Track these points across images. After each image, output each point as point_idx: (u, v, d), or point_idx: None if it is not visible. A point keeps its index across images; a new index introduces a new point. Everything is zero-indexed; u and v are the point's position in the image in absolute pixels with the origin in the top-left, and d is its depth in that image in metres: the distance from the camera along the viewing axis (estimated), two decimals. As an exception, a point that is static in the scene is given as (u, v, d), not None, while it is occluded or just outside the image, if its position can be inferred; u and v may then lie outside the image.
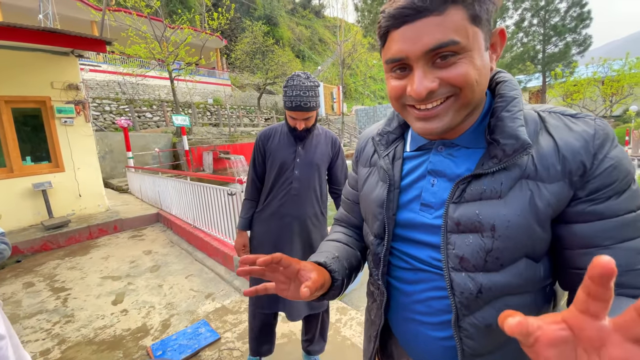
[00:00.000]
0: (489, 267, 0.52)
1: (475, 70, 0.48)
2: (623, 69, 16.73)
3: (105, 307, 2.76)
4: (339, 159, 1.73)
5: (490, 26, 0.49)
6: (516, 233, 0.50)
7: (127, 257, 3.96)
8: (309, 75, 1.50)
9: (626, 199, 0.48)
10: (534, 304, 0.55)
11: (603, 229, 0.48)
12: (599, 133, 0.49)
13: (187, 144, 10.69)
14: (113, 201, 6.64)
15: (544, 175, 0.50)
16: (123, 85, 15.70)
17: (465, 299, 0.54)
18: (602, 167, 0.48)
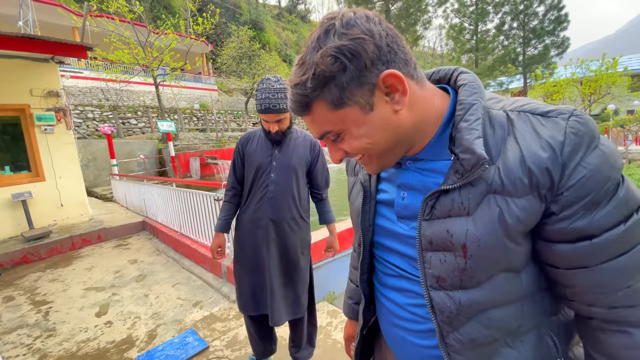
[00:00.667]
0: (465, 285, 0.51)
1: (360, 140, 0.51)
2: (600, 69, 17.34)
3: (89, 319, 2.68)
4: (318, 163, 1.71)
5: (369, 84, 0.47)
6: (488, 252, 0.48)
7: (111, 267, 3.87)
8: (280, 78, 1.52)
9: (612, 209, 0.44)
10: (520, 314, 0.52)
11: (586, 251, 0.45)
12: (569, 138, 0.44)
13: (174, 149, 10.56)
14: (97, 210, 6.48)
15: (511, 189, 0.46)
16: (106, 92, 15.40)
17: (446, 318, 0.53)
18: (574, 178, 0.43)
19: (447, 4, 23.22)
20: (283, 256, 1.66)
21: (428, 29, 23.64)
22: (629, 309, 0.46)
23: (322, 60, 0.46)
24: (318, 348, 2.06)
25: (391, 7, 21.02)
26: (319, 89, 0.47)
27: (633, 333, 0.46)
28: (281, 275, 1.66)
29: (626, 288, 0.45)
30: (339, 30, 0.46)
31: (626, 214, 0.44)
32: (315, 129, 0.53)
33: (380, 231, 0.65)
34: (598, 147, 0.44)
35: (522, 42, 23.83)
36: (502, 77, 24.64)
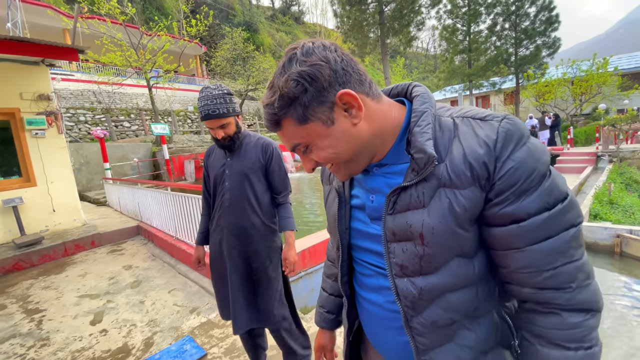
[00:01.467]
0: (424, 270, 0.58)
1: (325, 150, 0.58)
2: (591, 69, 17.56)
3: (83, 327, 2.63)
4: (272, 165, 1.65)
5: (328, 102, 0.54)
6: (441, 239, 0.55)
7: (105, 274, 3.81)
8: (219, 85, 1.53)
9: (537, 197, 0.51)
10: (475, 297, 0.59)
11: (516, 233, 0.53)
12: (501, 136, 0.52)
13: (168, 152, 10.46)
14: (90, 215, 6.39)
15: (457, 182, 0.54)
16: (98, 94, 15.21)
17: (410, 302, 0.60)
18: (504, 169, 0.51)
19: (440, 5, 23.29)
20: (246, 264, 1.63)
21: (421, 30, 23.70)
22: (555, 292, 0.53)
23: (286, 84, 0.53)
24: (318, 354, 2.04)
25: (385, 8, 21.08)
26: (285, 108, 0.55)
27: (561, 314, 0.53)
28: (243, 283, 1.62)
29: (552, 270, 0.52)
30: (299, 58, 0.54)
31: (551, 203, 0.51)
32: (287, 142, 0.60)
33: (356, 234, 0.71)
34: (526, 144, 0.52)
35: (514, 43, 24.04)
36: (495, 78, 24.84)
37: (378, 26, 21.44)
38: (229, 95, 1.52)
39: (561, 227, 0.52)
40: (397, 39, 21.97)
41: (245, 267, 1.63)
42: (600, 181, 7.86)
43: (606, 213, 5.75)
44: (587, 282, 0.53)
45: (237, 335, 2.24)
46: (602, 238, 4.65)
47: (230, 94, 1.53)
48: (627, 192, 7.60)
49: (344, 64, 0.55)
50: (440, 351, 0.60)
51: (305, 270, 3.10)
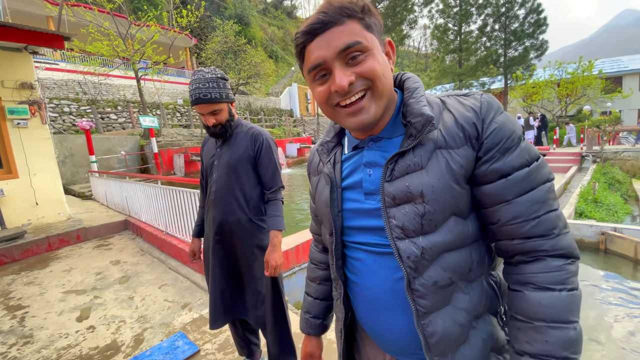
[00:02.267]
0: (425, 229, 0.60)
1: (379, 65, 0.59)
2: (576, 72, 17.97)
3: (69, 324, 2.54)
4: (262, 157, 1.54)
5: (381, 37, 0.62)
6: (441, 195, 0.59)
7: (92, 269, 3.69)
8: (214, 69, 1.45)
9: (518, 154, 0.59)
10: (469, 258, 0.63)
11: (504, 186, 0.59)
12: (484, 104, 0.61)
13: (156, 146, 10.23)
14: (75, 209, 6.20)
15: (452, 143, 0.60)
16: (84, 85, 14.71)
17: (412, 263, 0.61)
18: (490, 129, 0.59)
19: (432, 4, 23.47)
20: (230, 260, 1.56)
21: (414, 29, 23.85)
22: (541, 239, 0.58)
23: (365, 3, 0.60)
24: (314, 350, 2.02)
25: (378, 5, 21.09)
26: (360, 12, 0.59)
27: (546, 259, 0.58)
28: (225, 279, 1.56)
29: (537, 218, 0.58)
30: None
31: (529, 160, 0.59)
32: (344, 38, 0.58)
33: (350, 214, 0.71)
34: (503, 112, 0.61)
35: (503, 44, 24.41)
36: (484, 78, 25.20)
37: (371, 23, 21.43)
38: (223, 80, 1.44)
39: (540, 180, 0.59)
40: (390, 36, 22.02)
41: (229, 264, 1.57)
42: (585, 180, 8.07)
43: (591, 211, 5.90)
44: (566, 230, 0.59)
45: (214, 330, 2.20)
46: (587, 235, 4.77)
47: (224, 79, 1.45)
48: (610, 191, 7.82)
49: None
50: (439, 314, 0.62)
51: (299, 265, 3.07)
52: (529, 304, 0.58)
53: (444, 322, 0.62)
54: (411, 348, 0.68)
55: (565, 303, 0.56)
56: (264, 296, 1.55)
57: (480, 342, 0.65)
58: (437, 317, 0.62)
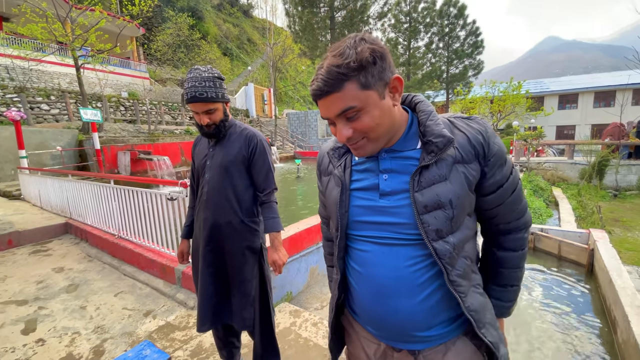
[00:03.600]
0: (453, 229, 0.74)
1: (374, 118, 0.70)
2: (507, 91, 20.26)
3: (14, 337, 2.28)
4: (255, 159, 1.54)
5: (385, 80, 0.68)
6: (463, 200, 0.74)
7: (31, 277, 3.32)
8: (210, 68, 1.45)
9: (506, 167, 0.80)
10: (475, 246, 0.84)
11: (500, 194, 0.80)
12: (487, 129, 0.78)
13: (99, 142, 9.36)
14: (2, 210, 5.47)
15: (466, 158, 0.75)
16: (11, 70, 12.88)
17: (448, 259, 0.73)
18: (493, 150, 0.76)
19: (385, 18, 24.78)
20: (219, 262, 1.56)
21: (368, 39, 24.93)
22: (516, 221, 0.85)
23: (363, 53, 0.64)
24: (290, 348, 2.08)
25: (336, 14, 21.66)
26: (355, 71, 0.65)
27: (518, 232, 0.86)
28: (212, 282, 1.55)
29: (517, 208, 0.84)
30: (369, 40, 0.67)
31: (510, 169, 0.81)
32: (340, 104, 0.68)
33: (361, 211, 0.81)
34: (496, 135, 0.79)
35: (446, 61, 26.72)
36: (429, 91, 27.24)
37: (329, 31, 21.91)
38: (220, 79, 1.45)
39: (517, 180, 0.83)
40: (346, 45, 22.68)
41: (218, 266, 1.56)
42: (515, 188, 9.14)
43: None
44: (527, 210, 0.88)
45: (200, 333, 2.15)
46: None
47: (220, 78, 1.46)
48: (535, 197, 8.97)
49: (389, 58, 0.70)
50: (470, 296, 0.77)
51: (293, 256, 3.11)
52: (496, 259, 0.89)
53: (476, 300, 0.79)
54: (411, 331, 0.78)
55: (518, 258, 0.87)
56: (254, 298, 1.56)
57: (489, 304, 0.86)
58: (470, 299, 0.77)
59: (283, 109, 32.75)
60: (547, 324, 3.34)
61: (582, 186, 11.00)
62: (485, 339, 0.76)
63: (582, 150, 12.82)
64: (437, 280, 0.76)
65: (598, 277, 4.03)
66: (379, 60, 0.66)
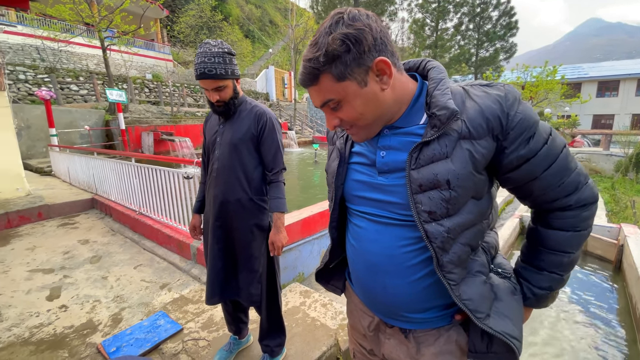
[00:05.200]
0: (450, 212, 0.68)
1: (355, 108, 0.66)
2: (541, 76, 19.08)
3: (39, 303, 2.43)
4: (264, 137, 1.51)
5: (365, 66, 0.63)
6: (464, 182, 0.66)
7: (58, 248, 3.51)
8: (221, 42, 1.41)
9: (538, 137, 0.67)
10: (480, 232, 0.74)
11: (530, 168, 0.68)
12: (508, 96, 0.65)
13: (124, 122, 9.66)
14: (34, 185, 5.77)
15: (475, 134, 0.65)
16: (42, 51, 13.41)
17: (440, 243, 0.68)
18: (514, 121, 0.65)
19: (412, -3, 23.76)
20: (228, 238, 1.57)
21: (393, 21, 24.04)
22: (566, 197, 0.71)
23: (333, 42, 0.60)
24: (298, 327, 2.10)
25: (360, -6, 20.96)
26: (327, 64, 0.61)
27: (575, 208, 0.72)
28: (223, 256, 1.58)
29: (562, 184, 0.70)
30: (346, 21, 0.60)
31: (546, 137, 0.67)
32: (320, 97, 0.67)
33: (360, 186, 0.79)
34: (523, 102, 0.67)
35: (476, 44, 25.34)
36: (456, 76, 26.09)
37: (352, 11, 21.23)
38: (230, 55, 1.41)
39: (557, 150, 0.68)
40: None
41: (227, 242, 1.58)
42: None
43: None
44: (586, 182, 0.71)
45: (209, 306, 2.21)
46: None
47: (231, 54, 1.42)
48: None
49: (382, 34, 0.63)
50: (465, 283, 0.71)
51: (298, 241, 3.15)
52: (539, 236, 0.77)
53: (475, 287, 0.72)
54: (399, 310, 0.77)
55: (568, 240, 0.73)
56: (261, 275, 1.58)
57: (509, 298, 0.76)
58: (465, 286, 0.71)
59: (303, 93, 32.46)
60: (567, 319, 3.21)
61: (617, 179, 10.34)
62: (491, 329, 0.69)
63: (619, 141, 11.97)
64: (430, 265, 0.72)
65: (626, 274, 3.82)
66: (353, 46, 0.60)
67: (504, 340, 0.70)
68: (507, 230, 4.38)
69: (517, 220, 4.90)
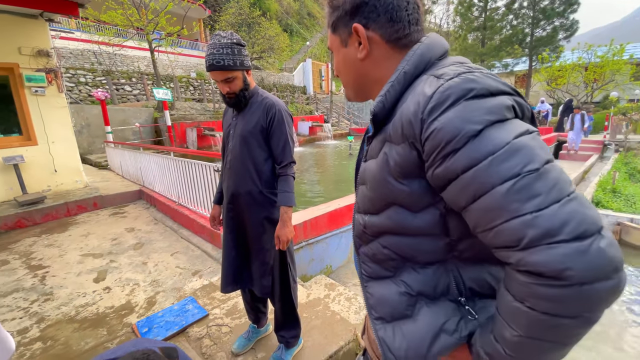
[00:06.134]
0: (370, 210, 0.67)
1: (337, 62, 0.72)
2: (606, 56, 16.96)
3: (87, 284, 2.68)
4: (273, 129, 1.49)
5: (348, 27, 0.65)
6: (377, 185, 0.62)
7: (108, 235, 3.84)
8: (231, 33, 1.39)
9: (463, 155, 0.47)
10: (417, 247, 0.62)
11: (454, 192, 0.50)
12: (436, 95, 0.50)
13: (170, 119, 10.29)
14: (92, 177, 6.38)
15: (394, 138, 0.58)
16: (99, 55, 14.72)
17: (358, 232, 0.73)
18: (429, 130, 0.50)
19: (457, -23, 22.21)
20: (240, 230, 1.58)
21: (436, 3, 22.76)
22: (506, 250, 0.46)
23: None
24: (317, 319, 2.08)
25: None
26: (330, 15, 0.69)
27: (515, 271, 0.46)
28: (234, 247, 1.60)
29: (494, 228, 0.46)
30: None
31: (479, 157, 0.46)
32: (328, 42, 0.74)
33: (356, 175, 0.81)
34: (460, 103, 0.48)
35: (531, 23, 23.00)
36: (507, 59, 24.04)
37: (391, -3, 20.46)
38: (239, 46, 1.40)
39: (493, 180, 0.45)
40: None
41: (239, 233, 1.60)
42: (605, 170, 7.80)
43: (608, 201, 5.73)
44: (546, 241, 0.42)
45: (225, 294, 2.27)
46: (602, 225, 4.66)
47: (240, 45, 1.40)
48: (630, 182, 7.55)
49: (380, 1, 0.61)
50: (377, 283, 0.70)
51: (307, 240, 3.12)
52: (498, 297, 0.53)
53: (383, 289, 0.69)
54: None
55: (514, 314, 0.48)
56: (272, 267, 1.57)
57: (426, 324, 0.62)
58: (374, 285, 0.71)
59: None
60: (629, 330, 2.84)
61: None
62: (376, 331, 0.70)
63: None
64: None
65: None
66: (340, 5, 0.65)
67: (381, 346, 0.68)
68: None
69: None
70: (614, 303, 0.44)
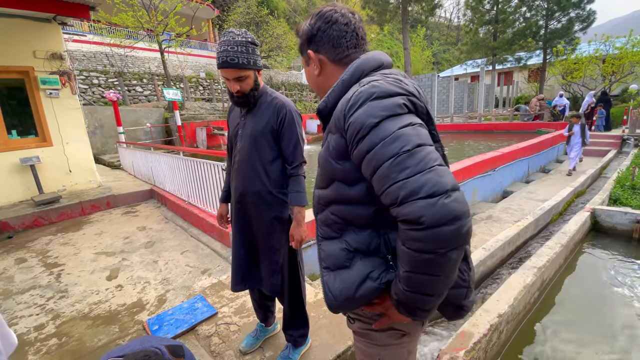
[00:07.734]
0: (321, 185, 0.88)
1: (306, 76, 0.97)
2: (625, 47, 16.36)
3: (100, 282, 2.73)
4: (283, 129, 1.48)
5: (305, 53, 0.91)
6: (323, 165, 0.84)
7: (120, 233, 3.91)
8: (244, 32, 1.37)
9: (367, 141, 0.68)
10: (354, 213, 0.81)
11: (364, 168, 0.71)
12: (352, 100, 0.72)
13: (180, 119, 10.41)
14: (105, 177, 6.52)
15: (332, 129, 0.79)
16: (111, 57, 15.00)
17: (315, 203, 0.93)
18: (347, 123, 0.73)
19: (468, -31, 21.74)
20: (248, 229, 1.58)
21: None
22: (392, 207, 0.65)
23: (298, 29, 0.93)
24: (325, 318, 2.07)
25: (409, -28, 19.79)
26: (298, 43, 0.95)
27: (403, 221, 0.64)
28: (243, 246, 1.60)
29: (385, 191, 0.66)
30: (311, 16, 0.89)
31: (376, 141, 0.67)
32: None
33: None
34: (366, 104, 0.70)
35: (545, 15, 22.35)
36: (520, 52, 23.45)
37: (400, -8, 20.19)
38: (253, 45, 1.38)
39: (383, 157, 0.65)
40: (419, 6, 20.75)
41: (248, 233, 1.60)
42: (624, 165, 7.54)
43: (627, 198, 5.54)
44: (413, 198, 0.61)
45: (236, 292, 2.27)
46: (620, 223, 4.51)
47: (254, 44, 1.39)
48: (650, 177, 7.27)
49: (324, 34, 0.86)
50: (327, 242, 0.88)
51: (315, 239, 3.11)
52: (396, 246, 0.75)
53: (330, 246, 0.86)
54: None
55: (407, 257, 0.66)
56: (282, 266, 1.57)
57: (358, 272, 0.80)
58: (325, 244, 0.88)
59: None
60: None
61: None
62: (323, 277, 0.86)
63: None
64: None
65: None
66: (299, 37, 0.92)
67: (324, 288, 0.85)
68: (574, 226, 3.86)
69: (588, 214, 4.30)
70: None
